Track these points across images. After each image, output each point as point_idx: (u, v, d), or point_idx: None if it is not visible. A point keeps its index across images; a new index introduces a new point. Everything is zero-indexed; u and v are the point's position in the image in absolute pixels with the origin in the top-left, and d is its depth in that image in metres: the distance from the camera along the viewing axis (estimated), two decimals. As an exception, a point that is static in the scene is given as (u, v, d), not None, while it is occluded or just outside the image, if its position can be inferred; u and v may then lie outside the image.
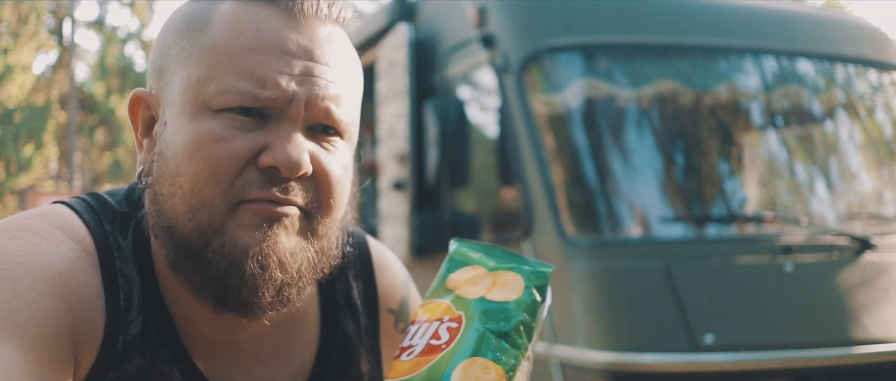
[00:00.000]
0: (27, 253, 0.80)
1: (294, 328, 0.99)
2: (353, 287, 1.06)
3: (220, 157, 0.81)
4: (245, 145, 0.82)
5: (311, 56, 0.84)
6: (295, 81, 0.82)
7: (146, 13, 22.41)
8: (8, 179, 15.23)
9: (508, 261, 0.88)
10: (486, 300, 0.83)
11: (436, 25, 4.07)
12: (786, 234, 3.26)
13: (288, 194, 0.83)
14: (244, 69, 0.81)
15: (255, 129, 0.82)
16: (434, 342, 0.80)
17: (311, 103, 0.83)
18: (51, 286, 0.79)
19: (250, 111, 0.82)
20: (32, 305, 0.77)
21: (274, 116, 0.83)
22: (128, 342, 0.84)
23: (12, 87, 14.82)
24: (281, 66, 0.82)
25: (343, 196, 0.89)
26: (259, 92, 0.81)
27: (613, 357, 2.81)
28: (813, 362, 2.90)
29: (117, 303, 0.84)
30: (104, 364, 0.82)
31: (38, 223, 0.84)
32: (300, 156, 0.82)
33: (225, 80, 0.81)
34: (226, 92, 0.81)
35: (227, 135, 0.81)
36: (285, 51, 0.82)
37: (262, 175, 0.82)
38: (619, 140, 3.45)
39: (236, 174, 0.82)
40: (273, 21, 0.83)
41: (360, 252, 1.09)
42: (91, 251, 0.85)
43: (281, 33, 0.83)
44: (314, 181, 0.85)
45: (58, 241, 0.83)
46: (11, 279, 0.77)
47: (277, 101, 0.82)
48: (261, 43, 0.82)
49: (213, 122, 0.81)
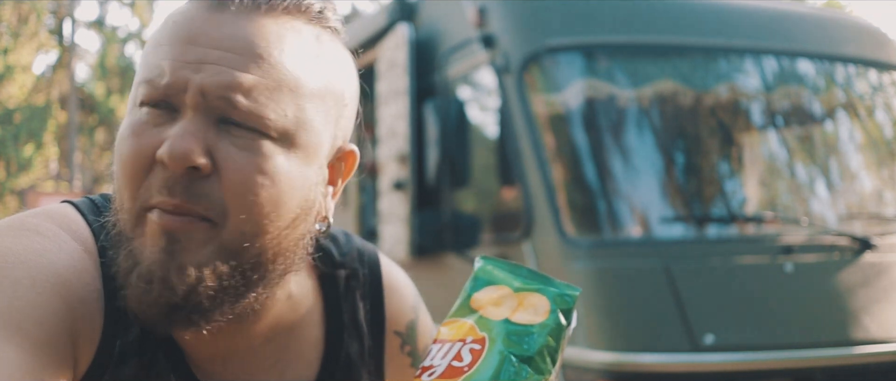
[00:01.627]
0: (29, 252, 0.79)
1: (295, 346, 0.96)
2: (360, 308, 1.03)
3: (130, 152, 0.79)
4: (150, 141, 0.78)
5: (218, 44, 0.78)
6: (191, 67, 0.78)
7: (146, 13, 22.41)
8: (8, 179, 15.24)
9: (534, 282, 0.86)
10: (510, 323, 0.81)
11: (436, 25, 4.07)
12: (786, 234, 3.26)
13: (186, 198, 0.77)
14: (153, 62, 0.80)
15: (166, 123, 0.79)
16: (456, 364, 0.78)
17: (207, 91, 0.77)
18: (51, 286, 0.78)
19: (159, 104, 0.79)
20: (33, 304, 0.76)
21: (180, 109, 0.78)
22: (126, 346, 0.83)
23: (12, 87, 14.82)
24: (180, 54, 0.78)
25: (260, 203, 0.79)
26: (159, 81, 0.78)
27: (614, 357, 2.81)
28: (813, 362, 2.90)
29: (117, 305, 0.83)
30: (101, 367, 0.82)
31: (42, 222, 0.83)
32: (183, 146, 0.75)
33: (140, 73, 0.81)
34: (139, 84, 0.80)
35: (137, 130, 0.79)
36: (189, 40, 0.78)
37: (162, 176, 0.77)
38: (620, 140, 3.45)
39: (144, 174, 0.78)
40: (190, 14, 0.80)
41: (371, 272, 1.05)
42: (93, 252, 0.84)
43: (192, 25, 0.79)
44: (220, 183, 0.78)
45: (61, 240, 0.82)
46: (12, 279, 0.77)
47: (172, 88, 0.78)
48: (172, 35, 0.80)
49: (132, 118, 0.80)
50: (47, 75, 20.52)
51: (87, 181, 21.77)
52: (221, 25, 0.79)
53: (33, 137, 15.35)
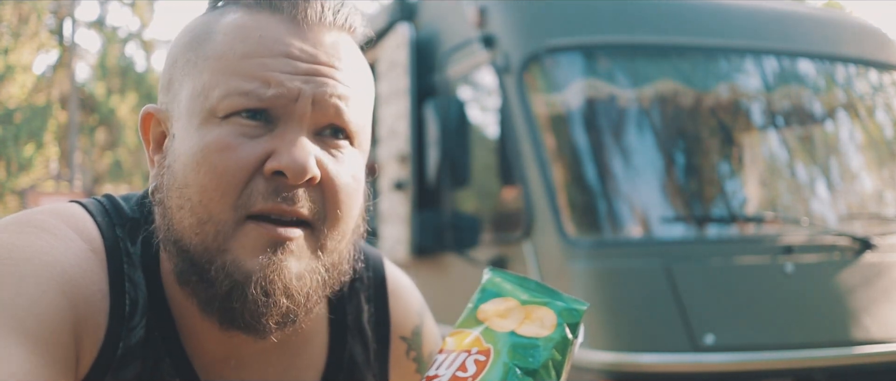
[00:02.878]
0: (34, 249, 0.79)
1: (300, 348, 0.97)
2: (364, 310, 1.03)
3: (227, 166, 0.80)
4: (251, 153, 0.80)
5: (315, 59, 0.82)
6: (299, 79, 0.81)
7: (147, 13, 22.41)
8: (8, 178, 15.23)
9: (542, 295, 0.86)
10: (516, 335, 0.81)
11: (436, 25, 4.07)
12: (786, 234, 3.26)
13: (294, 204, 0.80)
14: (247, 72, 0.81)
15: (262, 135, 0.81)
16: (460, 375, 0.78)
17: (318, 100, 0.82)
18: (56, 284, 0.78)
19: (256, 115, 0.81)
20: (37, 302, 0.76)
21: (281, 118, 0.81)
22: (129, 348, 0.83)
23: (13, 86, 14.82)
24: (285, 66, 0.81)
25: (352, 206, 0.85)
26: (263, 92, 0.80)
27: (614, 357, 2.81)
28: (813, 362, 2.90)
29: (122, 307, 0.83)
30: (102, 368, 0.82)
31: (49, 220, 0.83)
32: (306, 160, 0.80)
33: (229, 84, 0.81)
34: (230, 95, 0.80)
35: (233, 143, 0.80)
36: (288, 54, 0.81)
37: (269, 184, 0.80)
38: (620, 140, 3.45)
39: (243, 184, 0.80)
40: (276, 28, 0.82)
41: (375, 275, 1.06)
42: (100, 253, 0.84)
43: (284, 38, 0.82)
44: (321, 190, 0.83)
45: (67, 239, 0.82)
46: (17, 276, 0.77)
47: (282, 98, 0.80)
48: (263, 47, 0.81)
49: (220, 130, 0.80)
50: (48, 75, 20.51)
51: (88, 181, 21.76)
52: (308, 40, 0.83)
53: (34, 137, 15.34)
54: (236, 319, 0.82)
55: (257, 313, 0.81)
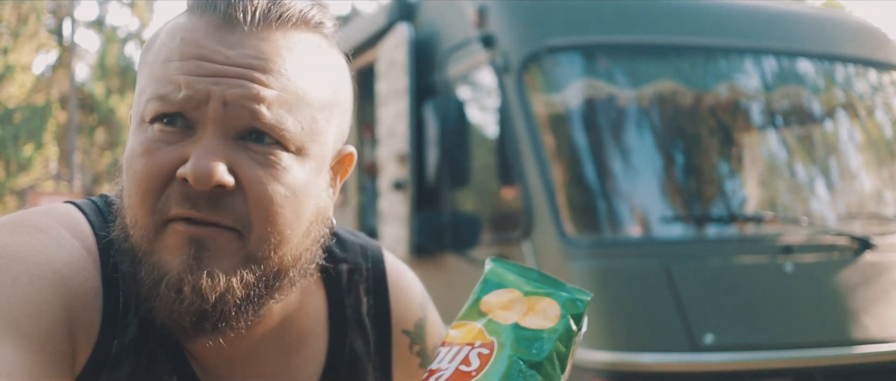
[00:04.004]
0: (28, 248, 0.79)
1: (299, 343, 0.96)
2: (364, 303, 1.03)
3: (145, 171, 0.80)
4: (166, 158, 0.79)
5: (230, 60, 0.80)
6: (208, 81, 0.79)
7: (146, 13, 22.41)
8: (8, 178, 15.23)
9: (545, 286, 0.85)
10: (519, 327, 0.80)
11: (436, 25, 4.07)
12: (786, 234, 3.26)
13: (211, 211, 0.79)
14: (164, 76, 0.80)
15: (180, 140, 0.80)
16: (464, 368, 0.78)
17: (230, 103, 0.79)
18: (50, 283, 0.78)
19: (175, 120, 0.80)
20: (31, 301, 0.76)
21: (198, 123, 0.80)
22: (123, 346, 0.83)
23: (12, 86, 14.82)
24: (195, 69, 0.79)
25: (283, 215, 0.82)
26: (175, 95, 0.79)
27: (613, 357, 2.81)
28: (813, 362, 2.90)
29: (115, 306, 0.83)
30: (98, 366, 0.82)
31: (42, 219, 0.84)
32: (208, 166, 0.77)
33: (151, 88, 0.81)
34: (151, 100, 0.80)
35: (151, 148, 0.80)
36: (201, 56, 0.80)
37: (181, 190, 0.79)
38: (619, 140, 3.45)
39: (160, 190, 0.80)
40: (199, 30, 0.81)
41: (375, 267, 1.05)
42: (93, 251, 0.84)
43: (201, 40, 0.80)
44: (244, 197, 0.80)
45: (60, 237, 0.83)
46: (11, 275, 0.77)
47: (192, 101, 0.79)
48: (181, 51, 0.80)
49: (144, 135, 0.81)
50: (47, 75, 20.52)
51: (87, 181, 21.76)
52: (234, 43, 0.80)
53: (33, 137, 15.34)
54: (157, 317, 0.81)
55: (171, 310, 0.80)
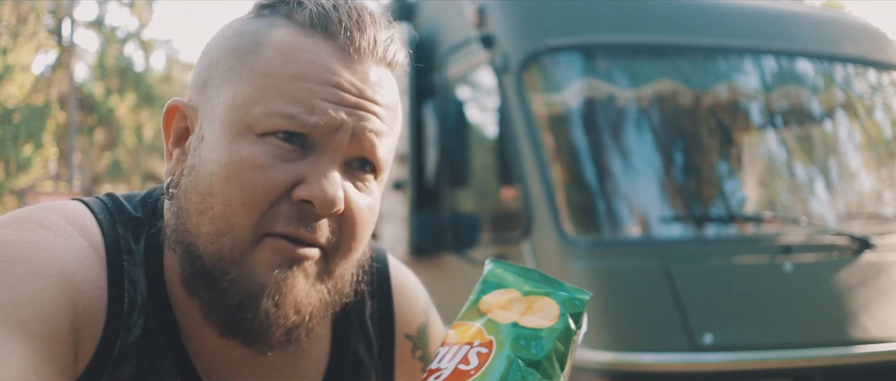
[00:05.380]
0: (33, 245, 0.79)
1: (302, 345, 0.95)
2: (368, 306, 1.03)
3: (258, 185, 0.80)
4: (283, 176, 0.81)
5: (362, 93, 0.83)
6: (344, 111, 0.82)
7: (145, 13, 22.39)
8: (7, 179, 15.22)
9: (544, 286, 0.86)
10: (518, 326, 0.81)
11: (435, 25, 4.07)
12: (785, 234, 3.26)
13: (314, 232, 0.82)
14: (293, 95, 0.81)
15: (296, 159, 0.81)
16: (463, 367, 0.78)
17: (357, 134, 0.83)
18: (54, 280, 0.78)
19: (293, 138, 0.81)
20: (36, 299, 0.76)
21: (317, 146, 0.82)
22: (126, 346, 0.83)
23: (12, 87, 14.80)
24: (332, 96, 0.81)
25: (365, 237, 0.88)
26: (306, 118, 0.80)
27: (613, 357, 2.81)
28: (812, 361, 2.90)
29: (120, 305, 0.83)
30: (100, 366, 0.82)
31: (49, 216, 0.83)
32: (336, 192, 0.81)
33: (272, 103, 0.81)
34: (272, 115, 0.80)
35: (266, 163, 0.80)
36: (337, 85, 0.82)
37: (294, 209, 0.81)
38: (619, 140, 3.45)
39: (269, 205, 0.81)
40: (328, 56, 0.83)
41: (379, 272, 1.06)
42: (100, 250, 0.84)
43: (334, 67, 0.82)
44: (340, 220, 0.84)
45: (67, 235, 0.82)
46: (16, 273, 0.77)
47: (324, 128, 0.81)
48: (312, 73, 0.81)
49: (255, 147, 0.81)
50: (46, 75, 20.50)
51: (87, 181, 21.75)
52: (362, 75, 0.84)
53: (32, 137, 15.32)
54: (242, 330, 0.83)
55: (267, 325, 0.82)
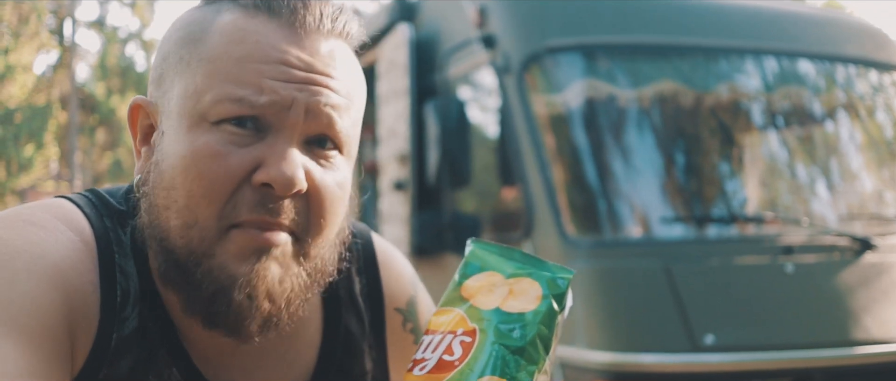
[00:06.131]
0: (25, 242, 0.79)
1: (296, 328, 0.96)
2: (356, 283, 1.04)
3: (216, 174, 0.79)
4: (240, 162, 0.80)
5: (311, 67, 0.82)
6: (294, 87, 0.80)
7: (147, 13, 22.42)
8: (9, 179, 15.23)
9: (527, 266, 0.85)
10: (501, 312, 0.80)
11: (436, 26, 4.07)
12: (786, 234, 3.26)
13: (279, 215, 0.81)
14: (241, 78, 0.80)
15: (252, 143, 0.81)
16: (447, 358, 0.78)
17: (311, 110, 0.81)
18: (48, 277, 0.78)
19: (246, 122, 0.80)
20: (30, 296, 0.76)
21: (272, 127, 0.81)
22: (122, 340, 0.83)
23: (13, 87, 14.82)
24: (280, 73, 0.80)
25: (336, 215, 0.86)
26: (256, 99, 0.79)
27: (614, 357, 2.81)
28: (813, 362, 2.90)
29: (113, 299, 0.83)
30: (97, 361, 0.81)
31: (37, 213, 0.83)
32: (295, 172, 0.80)
33: (221, 88, 0.80)
34: (222, 101, 0.80)
35: (222, 150, 0.80)
36: (284, 61, 0.81)
37: (256, 194, 0.80)
38: (620, 141, 3.45)
39: (230, 193, 0.80)
40: (273, 33, 0.82)
41: (364, 248, 1.06)
42: (90, 244, 0.84)
43: (280, 45, 0.81)
44: (307, 200, 0.83)
45: (57, 231, 0.82)
46: (10, 270, 0.76)
47: (275, 106, 0.80)
48: (259, 53, 0.80)
49: (210, 135, 0.80)
50: (48, 75, 20.52)
51: (88, 181, 21.76)
52: (311, 49, 0.82)
53: (34, 137, 15.33)
54: (219, 322, 0.82)
55: (241, 317, 0.82)
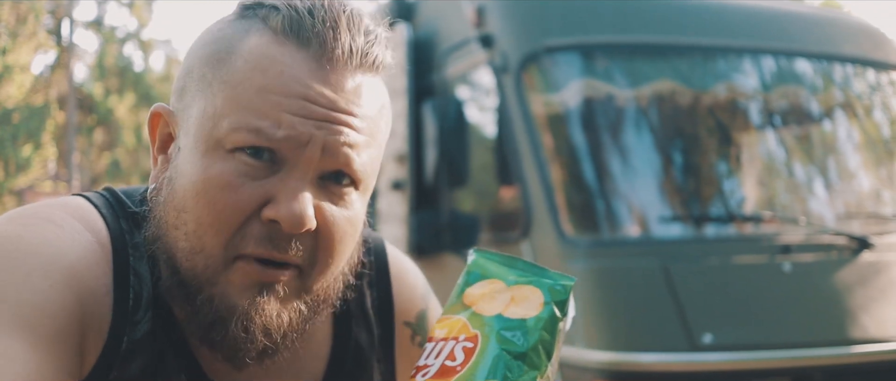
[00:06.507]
0: (41, 241, 0.78)
1: (305, 340, 0.95)
2: (367, 296, 1.03)
3: (226, 205, 0.79)
4: (251, 195, 0.79)
5: (334, 105, 0.80)
6: (313, 124, 0.79)
7: (145, 13, 22.38)
8: (6, 179, 15.21)
9: (528, 274, 0.85)
10: (503, 318, 0.80)
11: (434, 25, 4.07)
12: (784, 233, 3.26)
13: (286, 252, 0.80)
14: (260, 108, 0.78)
15: (265, 176, 0.79)
16: (449, 364, 0.78)
17: (329, 148, 0.79)
18: (63, 278, 0.77)
19: (262, 154, 0.79)
20: (44, 297, 0.75)
21: (287, 161, 0.79)
22: (133, 343, 0.83)
23: (11, 87, 14.79)
24: (299, 109, 0.78)
25: (344, 252, 0.85)
26: (273, 132, 0.78)
27: (612, 357, 2.81)
28: (812, 361, 2.90)
29: (126, 302, 0.83)
30: (107, 364, 0.81)
31: (55, 212, 0.83)
32: (303, 212, 0.78)
33: (240, 117, 0.78)
34: (239, 129, 0.78)
35: (235, 182, 0.79)
36: (306, 97, 0.79)
37: (264, 229, 0.80)
38: (618, 140, 3.45)
39: (239, 226, 0.80)
40: (299, 66, 0.79)
41: (377, 260, 1.05)
42: (106, 245, 0.84)
43: (304, 79, 0.79)
44: (315, 237, 0.82)
45: (74, 230, 0.82)
46: (24, 270, 0.76)
47: (292, 141, 0.78)
48: (282, 85, 0.78)
49: (224, 164, 0.79)
50: (46, 75, 20.48)
51: (86, 181, 21.74)
52: (334, 85, 0.80)
53: (32, 138, 15.30)
54: (216, 348, 0.83)
55: (235, 348, 0.82)
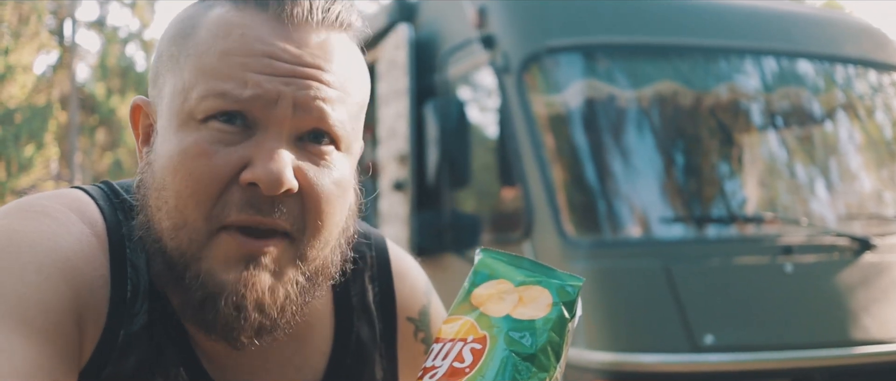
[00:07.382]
0: (37, 234, 0.78)
1: (306, 332, 0.95)
2: (369, 291, 1.02)
3: (202, 174, 0.78)
4: (227, 161, 0.78)
5: (299, 60, 0.79)
6: (280, 81, 0.78)
7: (147, 13, 22.41)
8: (9, 179, 15.22)
9: (536, 274, 0.84)
10: (511, 319, 0.79)
11: (436, 26, 4.07)
12: (786, 234, 3.26)
13: (271, 215, 0.79)
14: (225, 72, 0.78)
15: (240, 141, 0.78)
16: (457, 365, 0.77)
17: (300, 104, 0.78)
18: (59, 271, 0.77)
19: (234, 119, 0.78)
20: (40, 291, 0.75)
21: (259, 123, 0.79)
22: (130, 336, 0.82)
23: (13, 87, 14.81)
24: (264, 66, 0.78)
25: (334, 213, 0.83)
26: (240, 92, 0.77)
27: (613, 358, 2.82)
28: (812, 362, 2.90)
29: (123, 294, 0.82)
30: (104, 356, 0.80)
31: (51, 204, 0.83)
32: (282, 171, 0.77)
33: (206, 84, 0.78)
34: (207, 97, 0.78)
35: (209, 149, 0.78)
36: (270, 54, 0.78)
37: (244, 194, 0.78)
38: (619, 141, 3.45)
39: (218, 194, 0.78)
40: (260, 26, 0.79)
41: (379, 256, 1.04)
42: (102, 237, 0.83)
43: (266, 37, 0.79)
44: (301, 199, 0.80)
45: (70, 223, 0.81)
46: (20, 264, 0.76)
47: (260, 100, 0.77)
48: (244, 46, 0.78)
49: (198, 134, 0.78)
50: (48, 76, 20.50)
51: (88, 181, 21.73)
52: (299, 41, 0.80)
53: (34, 138, 15.31)
54: (211, 328, 0.81)
55: (230, 327, 0.80)
